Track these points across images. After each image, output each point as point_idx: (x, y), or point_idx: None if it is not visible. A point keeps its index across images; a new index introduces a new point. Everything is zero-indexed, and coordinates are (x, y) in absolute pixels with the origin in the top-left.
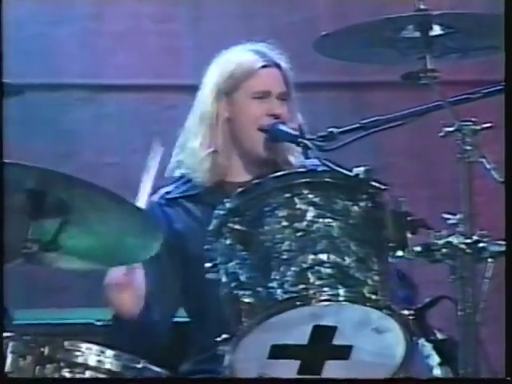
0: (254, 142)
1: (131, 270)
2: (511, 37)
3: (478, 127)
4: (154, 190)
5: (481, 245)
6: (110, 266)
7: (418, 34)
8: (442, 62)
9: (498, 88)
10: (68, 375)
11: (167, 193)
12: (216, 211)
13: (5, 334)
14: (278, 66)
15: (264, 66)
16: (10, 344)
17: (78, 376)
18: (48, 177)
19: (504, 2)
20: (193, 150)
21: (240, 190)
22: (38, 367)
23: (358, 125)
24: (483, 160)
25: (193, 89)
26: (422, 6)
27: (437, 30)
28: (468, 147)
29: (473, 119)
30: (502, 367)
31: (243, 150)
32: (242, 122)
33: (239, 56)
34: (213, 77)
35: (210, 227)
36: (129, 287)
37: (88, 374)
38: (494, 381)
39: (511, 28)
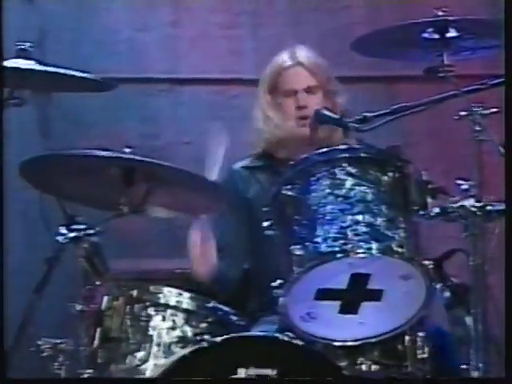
0: (295, 130)
1: (207, 235)
2: (511, 37)
3: (487, 112)
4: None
5: (488, 207)
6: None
7: (436, 36)
8: (456, 58)
9: (503, 80)
10: (153, 313)
11: (242, 165)
12: (275, 180)
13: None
14: (302, 64)
15: (289, 67)
16: (106, 287)
17: (160, 314)
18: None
19: (504, 2)
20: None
21: (291, 163)
22: (127, 307)
23: (387, 110)
24: (490, 139)
25: (252, 82)
26: (440, 13)
27: (452, 32)
28: (478, 128)
29: (482, 105)
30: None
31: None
32: (281, 116)
33: (275, 60)
34: (262, 77)
35: (270, 193)
36: (204, 254)
37: (169, 312)
38: (494, 381)
39: (511, 28)
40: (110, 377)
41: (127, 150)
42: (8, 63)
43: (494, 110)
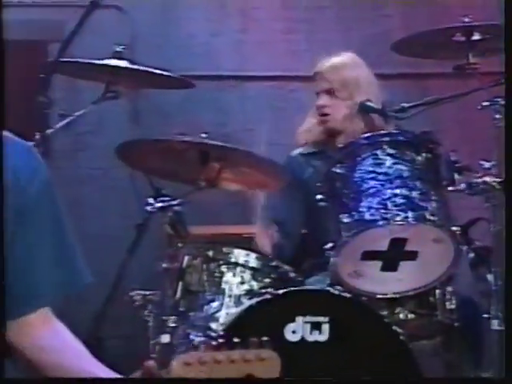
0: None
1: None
2: (511, 37)
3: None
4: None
5: None
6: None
7: (463, 39)
8: (480, 58)
9: None
10: (225, 270)
11: (299, 152)
12: (327, 161)
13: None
14: (324, 71)
15: (316, 73)
16: (187, 249)
17: (231, 271)
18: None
19: (504, 2)
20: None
21: (340, 146)
22: (204, 265)
23: (421, 101)
24: None
25: (306, 78)
26: (466, 20)
27: (476, 36)
28: (498, 116)
29: (501, 97)
30: None
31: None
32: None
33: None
34: None
35: (322, 171)
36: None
37: (238, 269)
38: (494, 381)
39: (511, 28)
40: (110, 377)
41: (203, 136)
42: (105, 62)
43: None
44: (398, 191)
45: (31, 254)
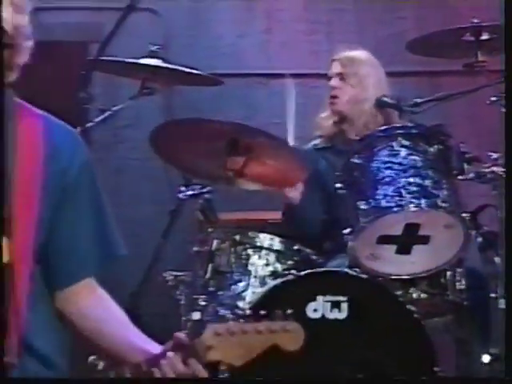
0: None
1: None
2: (511, 37)
3: None
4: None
5: None
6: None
7: (472, 38)
8: (488, 56)
9: None
10: (251, 253)
11: (313, 145)
12: (339, 153)
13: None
14: (337, 58)
15: (332, 59)
16: (216, 233)
17: (257, 254)
18: (239, 128)
19: (504, 2)
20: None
21: (358, 138)
22: (232, 248)
23: (433, 97)
24: None
25: (326, 76)
26: (475, 20)
27: (485, 35)
28: (505, 110)
29: None
30: None
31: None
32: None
33: None
34: None
35: (335, 163)
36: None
37: (263, 252)
38: (494, 381)
39: (511, 28)
40: (111, 377)
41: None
42: (141, 61)
43: None
44: (411, 180)
45: (74, 229)
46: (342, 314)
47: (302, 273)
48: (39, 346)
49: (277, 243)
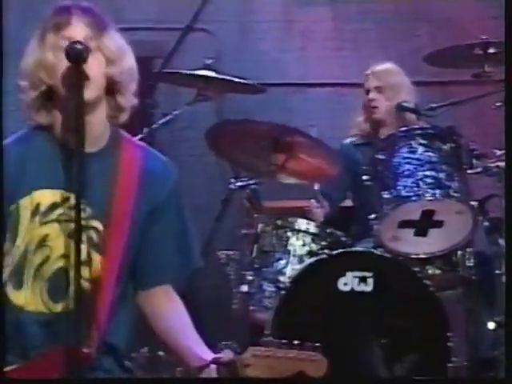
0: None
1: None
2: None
3: None
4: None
5: None
6: None
7: (481, 52)
8: (494, 67)
9: None
10: (290, 235)
11: (350, 141)
12: (371, 149)
13: (256, 215)
14: (373, 73)
15: (367, 75)
16: (261, 218)
17: (295, 236)
18: (281, 128)
19: (504, 2)
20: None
21: (382, 137)
22: (274, 231)
23: (447, 102)
24: None
25: (354, 85)
26: (483, 37)
27: (491, 49)
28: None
29: None
30: None
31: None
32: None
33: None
34: None
35: (369, 157)
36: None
37: (301, 234)
38: (494, 381)
39: (511, 27)
40: (112, 377)
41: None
42: (197, 73)
43: None
44: (427, 173)
45: (162, 240)
46: (368, 288)
47: (334, 252)
48: (115, 344)
49: (312, 227)
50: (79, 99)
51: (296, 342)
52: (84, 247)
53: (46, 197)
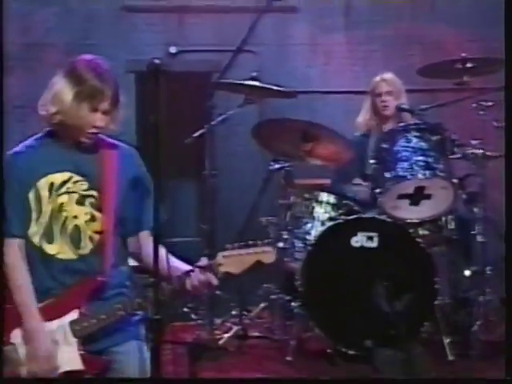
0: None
1: None
2: (511, 37)
3: (487, 104)
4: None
5: (487, 153)
6: None
7: (461, 66)
8: (471, 77)
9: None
10: (315, 205)
11: (358, 134)
12: (377, 140)
13: (289, 190)
14: (385, 80)
15: (379, 81)
16: (293, 192)
17: (319, 205)
18: (309, 124)
19: (504, 3)
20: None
21: (385, 131)
22: (303, 202)
23: (434, 104)
24: (488, 118)
25: (363, 92)
26: (462, 55)
27: (469, 64)
28: (482, 112)
29: (484, 100)
30: None
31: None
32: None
33: (374, 80)
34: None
35: (375, 146)
36: None
37: (323, 204)
38: (494, 381)
39: (511, 27)
40: (111, 377)
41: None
42: (245, 83)
43: (490, 103)
44: (420, 158)
45: (137, 200)
46: (374, 244)
47: (349, 217)
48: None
49: (332, 198)
50: (156, 102)
51: (251, 242)
52: (88, 209)
53: (57, 178)
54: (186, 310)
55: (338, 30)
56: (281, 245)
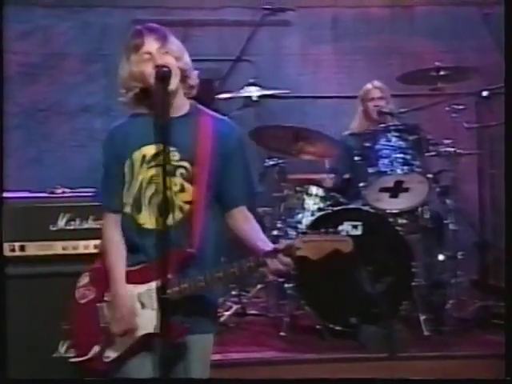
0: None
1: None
2: (511, 37)
3: (459, 107)
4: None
5: (458, 151)
6: None
7: (435, 74)
8: (445, 84)
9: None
10: (306, 197)
11: (347, 133)
12: (362, 139)
13: (283, 184)
14: (376, 87)
15: (370, 88)
16: (286, 186)
17: (309, 197)
18: (300, 128)
19: (504, 3)
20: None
21: (368, 131)
22: (295, 194)
23: (412, 108)
24: (461, 120)
25: (349, 97)
26: (436, 63)
27: (442, 72)
28: (455, 115)
29: (457, 104)
30: None
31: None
32: (365, 110)
33: (365, 87)
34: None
35: (360, 144)
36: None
37: (313, 196)
38: (494, 381)
39: (511, 27)
40: (112, 377)
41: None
42: (244, 89)
43: (462, 107)
44: (399, 155)
45: (232, 178)
46: (358, 232)
47: (335, 208)
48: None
49: (321, 191)
50: (163, 103)
51: (331, 230)
52: (178, 180)
53: (149, 150)
54: None
55: (326, 41)
56: (275, 233)
